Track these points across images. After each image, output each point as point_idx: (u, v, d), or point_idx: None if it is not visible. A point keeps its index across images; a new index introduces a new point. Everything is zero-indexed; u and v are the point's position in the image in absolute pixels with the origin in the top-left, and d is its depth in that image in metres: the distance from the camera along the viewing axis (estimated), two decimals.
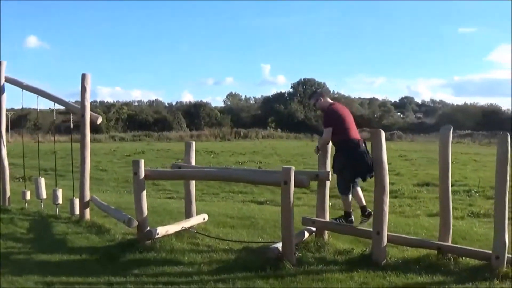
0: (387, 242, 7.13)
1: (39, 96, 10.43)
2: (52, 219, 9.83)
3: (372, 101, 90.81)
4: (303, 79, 76.97)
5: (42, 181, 10.71)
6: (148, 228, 7.78)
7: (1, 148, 11.00)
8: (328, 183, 8.01)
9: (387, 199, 7.14)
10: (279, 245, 7.02)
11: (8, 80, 11.00)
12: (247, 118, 70.26)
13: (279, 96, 75.27)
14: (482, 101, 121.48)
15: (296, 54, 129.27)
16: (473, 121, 68.90)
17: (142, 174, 7.72)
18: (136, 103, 77.60)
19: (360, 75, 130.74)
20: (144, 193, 7.88)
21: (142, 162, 7.77)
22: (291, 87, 76.87)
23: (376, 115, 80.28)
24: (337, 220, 7.85)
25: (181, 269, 6.80)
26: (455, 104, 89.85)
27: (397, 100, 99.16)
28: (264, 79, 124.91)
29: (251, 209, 11.57)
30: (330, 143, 7.82)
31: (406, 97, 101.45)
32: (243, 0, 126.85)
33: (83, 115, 9.66)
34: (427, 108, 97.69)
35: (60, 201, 10.32)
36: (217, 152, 31.43)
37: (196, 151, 9.77)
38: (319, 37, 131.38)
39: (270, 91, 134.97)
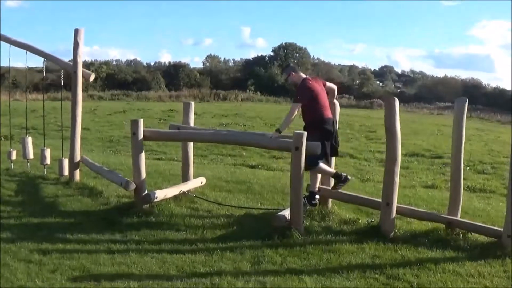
0: (396, 213, 6.86)
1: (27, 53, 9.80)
2: (40, 180, 9.40)
3: (351, 68, 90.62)
4: (285, 43, 75.99)
5: (30, 140, 10.23)
6: (146, 192, 7.42)
7: None
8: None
9: (398, 169, 6.86)
10: (286, 213, 6.76)
11: None
12: (227, 80, 69.17)
13: (259, 59, 74.24)
14: (462, 74, 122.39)
15: (276, 18, 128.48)
16: (454, 94, 68.90)
17: (141, 135, 7.28)
18: (114, 63, 76.02)
19: (340, 40, 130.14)
20: (143, 154, 7.47)
21: (142, 122, 7.33)
22: (272, 50, 75.86)
23: (355, 83, 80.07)
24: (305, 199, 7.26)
25: (183, 235, 6.49)
26: (435, 76, 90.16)
27: (377, 69, 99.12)
28: (244, 42, 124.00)
29: (245, 173, 11.26)
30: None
31: (386, 66, 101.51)
32: None
33: (75, 72, 9.14)
34: (406, 79, 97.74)
35: (48, 161, 9.87)
36: (199, 114, 30.87)
37: (177, 111, 9.49)
38: (299, 2, 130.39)
39: (249, 54, 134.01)
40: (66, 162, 9.40)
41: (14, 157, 10.39)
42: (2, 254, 5.49)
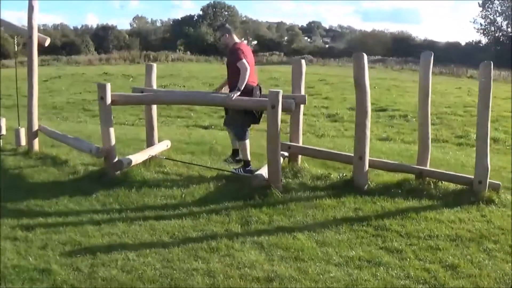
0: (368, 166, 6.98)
1: None
2: None
3: (279, 25, 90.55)
4: (213, 1, 75.15)
5: None
6: (117, 158, 7.18)
7: None
8: (302, 107, 7.66)
9: (368, 123, 6.98)
10: (263, 172, 6.78)
11: None
12: (156, 41, 67.98)
13: (188, 19, 73.16)
14: (390, 27, 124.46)
15: None
16: (384, 48, 70.06)
17: (109, 99, 7.01)
18: (42, 27, 73.27)
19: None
20: (111, 120, 7.21)
21: (109, 86, 7.04)
22: (201, 9, 75.04)
23: (283, 39, 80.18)
24: (237, 170, 7.50)
25: (163, 201, 6.36)
26: (363, 30, 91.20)
27: (305, 25, 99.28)
28: (170, 2, 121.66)
29: (201, 135, 11.16)
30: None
31: (313, 22, 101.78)
32: None
33: (30, 37, 8.67)
34: (334, 33, 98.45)
35: (4, 131, 9.39)
36: (134, 76, 30.26)
37: (112, 75, 9.27)
38: None
39: (177, 14, 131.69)
40: (23, 131, 9.04)
41: None
42: None
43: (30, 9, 8.68)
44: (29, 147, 8.87)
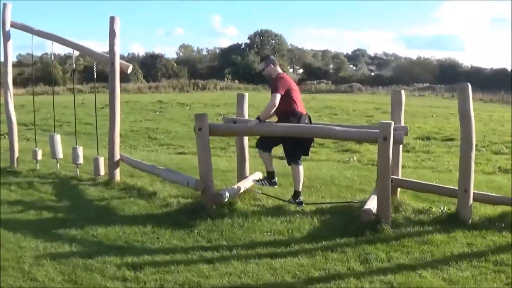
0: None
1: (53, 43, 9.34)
2: (75, 182, 8.82)
3: (325, 53, 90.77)
4: (260, 30, 75.74)
5: (59, 138, 9.63)
6: (218, 191, 6.88)
7: (8, 102, 10.02)
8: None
9: (473, 155, 6.59)
10: (371, 206, 6.36)
11: (15, 25, 9.83)
12: (203, 69, 68.74)
13: (235, 48, 73.71)
14: (434, 54, 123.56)
15: (245, 7, 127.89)
16: (430, 75, 69.38)
17: (207, 130, 6.74)
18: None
19: (307, 27, 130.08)
20: (209, 151, 6.91)
21: (207, 116, 6.78)
22: (248, 38, 75.55)
23: (329, 67, 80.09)
24: (260, 182, 7.51)
25: (271, 237, 5.99)
26: (407, 57, 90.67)
27: (349, 53, 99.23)
28: (215, 30, 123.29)
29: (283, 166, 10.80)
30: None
31: (358, 50, 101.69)
32: None
33: (113, 63, 8.51)
34: (379, 61, 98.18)
35: (81, 160, 9.27)
36: (188, 104, 30.29)
37: (166, 103, 9.17)
38: None
39: (221, 43, 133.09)
40: (102, 161, 8.85)
41: (39, 157, 9.85)
42: (89, 272, 4.90)
43: (112, 35, 8.57)
44: (110, 177, 8.67)
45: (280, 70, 7.35)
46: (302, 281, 4.73)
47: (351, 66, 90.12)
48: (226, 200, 6.80)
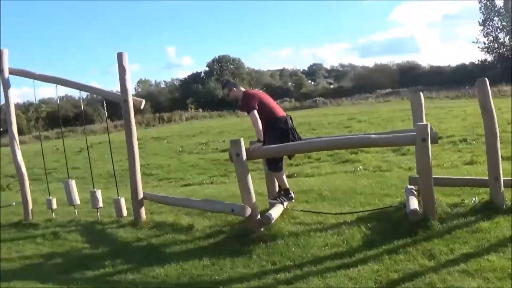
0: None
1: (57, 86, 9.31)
2: (100, 226, 8.63)
3: (282, 71, 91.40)
4: (218, 56, 76.07)
5: (73, 184, 9.43)
6: (264, 214, 6.85)
7: (16, 152, 9.68)
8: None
9: (499, 144, 6.83)
10: (414, 206, 6.53)
11: (14, 72, 9.63)
12: (165, 102, 68.51)
13: (195, 76, 73.88)
14: (389, 60, 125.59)
15: (198, 36, 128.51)
16: (390, 80, 70.57)
17: (245, 155, 6.72)
18: (54, 100, 74.43)
19: (265, 50, 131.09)
20: (249, 176, 6.87)
21: (242, 141, 6.78)
22: (207, 65, 75.84)
23: (288, 85, 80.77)
24: (278, 199, 7.54)
25: (330, 250, 6.03)
26: (363, 66, 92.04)
27: (306, 68, 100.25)
28: (171, 62, 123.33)
29: (303, 181, 10.88)
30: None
31: (314, 64, 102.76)
32: None
33: (125, 100, 8.43)
34: (337, 73, 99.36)
35: (101, 204, 9.07)
36: (163, 138, 30.07)
37: (141, 139, 9.37)
38: (218, 16, 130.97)
39: (178, 74, 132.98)
40: (123, 201, 8.72)
41: (54, 205, 9.60)
42: None
43: (122, 71, 8.44)
44: (135, 217, 8.48)
45: (243, 89, 7.53)
46: (386, 285, 4.83)
47: (309, 81, 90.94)
48: (272, 222, 6.80)
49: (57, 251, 7.44)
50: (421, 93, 7.80)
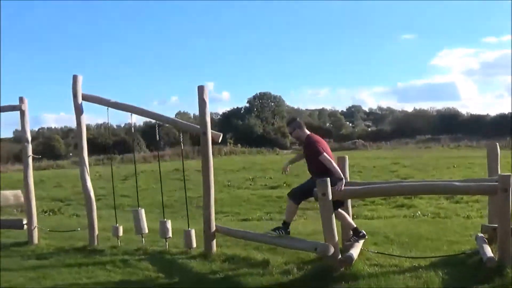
0: None
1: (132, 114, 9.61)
2: (168, 256, 8.67)
3: (321, 111, 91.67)
4: (259, 93, 76.80)
5: (143, 212, 9.55)
6: (346, 254, 6.95)
7: (86, 177, 9.87)
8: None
9: None
10: (488, 253, 6.65)
11: (87, 98, 9.88)
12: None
13: (235, 112, 74.62)
14: (427, 106, 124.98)
15: (238, 72, 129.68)
16: (430, 126, 70.26)
17: (330, 195, 6.86)
18: (91, 126, 75.45)
19: (304, 87, 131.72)
20: (333, 216, 7.03)
21: (328, 181, 6.89)
22: (247, 101, 76.56)
23: (327, 125, 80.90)
24: (277, 231, 7.67)
25: None
26: (402, 110, 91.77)
27: (344, 110, 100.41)
28: (209, 96, 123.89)
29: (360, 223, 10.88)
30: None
31: (353, 106, 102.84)
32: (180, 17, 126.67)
33: (204, 133, 8.60)
34: (375, 116, 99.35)
35: (170, 234, 9.14)
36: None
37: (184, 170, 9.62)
38: (259, 53, 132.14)
39: (216, 108, 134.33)
40: (193, 233, 8.82)
41: (121, 233, 9.75)
42: None
43: (203, 105, 8.66)
44: (206, 249, 8.55)
45: (308, 132, 7.79)
46: None
47: (348, 123, 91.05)
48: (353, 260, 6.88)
49: (131, 279, 7.49)
50: (497, 143, 7.91)
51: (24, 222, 10.48)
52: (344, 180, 7.23)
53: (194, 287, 6.93)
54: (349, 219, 7.89)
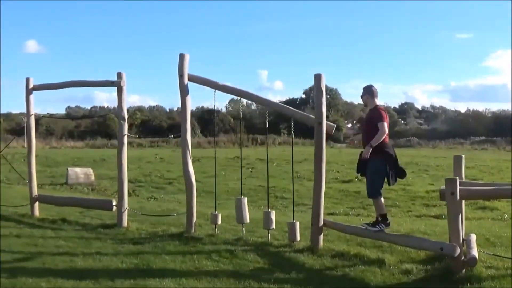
0: None
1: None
2: (273, 248, 8.53)
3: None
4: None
5: (246, 201, 9.44)
6: (470, 255, 6.76)
7: (188, 160, 9.78)
8: None
9: None
10: None
11: (194, 79, 9.83)
12: (260, 124, 69.04)
13: (290, 102, 74.37)
14: (479, 106, 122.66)
15: (291, 61, 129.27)
16: (485, 128, 68.91)
17: (459, 195, 6.72)
18: (144, 108, 76.21)
19: (356, 81, 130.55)
20: (460, 215, 6.92)
21: (458, 180, 6.75)
22: (303, 92, 76.29)
23: None
24: (377, 226, 7.83)
25: None
26: (455, 110, 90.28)
27: (397, 106, 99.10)
28: (262, 85, 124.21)
29: (435, 224, 10.88)
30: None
31: (406, 103, 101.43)
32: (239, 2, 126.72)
33: (320, 123, 8.50)
34: (427, 114, 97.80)
35: (273, 225, 9.00)
36: (271, 160, 30.24)
37: (245, 159, 9.45)
38: (314, 43, 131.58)
39: (268, 97, 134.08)
40: (298, 225, 8.69)
41: (219, 221, 9.71)
42: None
43: (319, 94, 8.54)
44: (313, 243, 8.41)
45: (377, 102, 8.06)
46: None
47: (400, 119, 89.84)
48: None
49: (243, 271, 7.31)
50: None
51: (114, 203, 10.51)
52: (370, 149, 7.65)
53: (317, 283, 6.74)
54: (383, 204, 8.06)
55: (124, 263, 7.60)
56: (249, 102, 72.91)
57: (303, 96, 75.73)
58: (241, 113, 10.41)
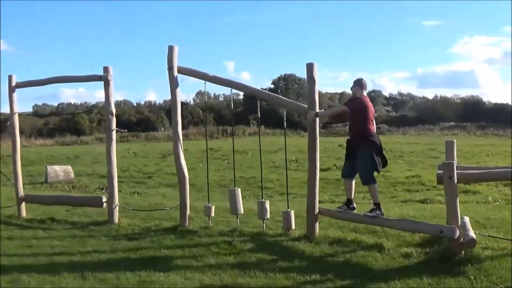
0: None
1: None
2: (270, 238, 8.57)
3: (342, 95, 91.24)
4: (284, 74, 76.57)
5: (239, 192, 9.50)
6: (469, 236, 6.89)
7: (179, 153, 9.71)
8: None
9: None
10: None
11: (184, 71, 9.78)
12: (229, 116, 69.06)
13: None
14: (447, 92, 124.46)
15: (258, 52, 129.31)
16: (454, 114, 69.96)
17: (456, 178, 6.90)
18: (115, 104, 75.41)
19: (324, 70, 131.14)
20: (457, 198, 7.08)
21: (454, 164, 6.92)
22: (272, 83, 76.36)
23: None
24: (373, 212, 8.07)
25: None
26: (423, 96, 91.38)
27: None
28: (229, 76, 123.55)
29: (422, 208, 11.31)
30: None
31: (373, 91, 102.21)
32: None
33: (314, 112, 8.49)
34: (395, 101, 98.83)
35: (268, 215, 9.06)
36: (243, 151, 30.30)
37: (217, 151, 9.57)
38: (280, 33, 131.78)
39: None
40: (292, 214, 8.81)
41: (213, 213, 9.72)
42: None
43: (312, 83, 8.49)
44: (309, 231, 8.48)
45: (364, 94, 8.37)
46: None
47: None
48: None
49: (245, 261, 7.27)
50: None
51: (104, 200, 10.44)
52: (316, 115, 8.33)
53: (322, 271, 6.73)
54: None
55: (125, 260, 7.59)
56: (216, 93, 72.75)
57: (272, 86, 75.67)
58: (232, 106, 9.96)
